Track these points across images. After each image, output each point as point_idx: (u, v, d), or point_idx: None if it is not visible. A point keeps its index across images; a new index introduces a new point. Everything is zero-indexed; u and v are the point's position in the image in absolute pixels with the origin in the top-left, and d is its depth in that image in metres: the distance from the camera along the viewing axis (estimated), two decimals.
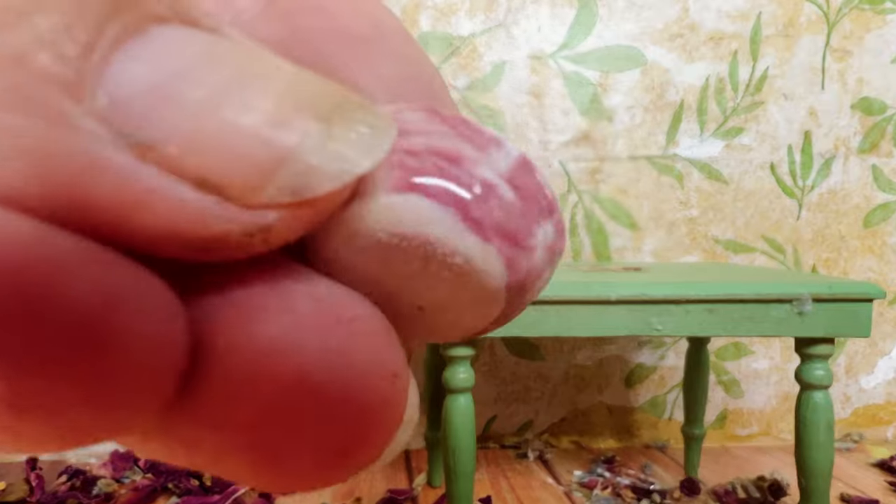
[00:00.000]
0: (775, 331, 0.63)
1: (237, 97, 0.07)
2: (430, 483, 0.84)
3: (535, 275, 0.10)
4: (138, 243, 0.07)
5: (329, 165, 0.07)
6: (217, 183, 0.07)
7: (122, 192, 0.07)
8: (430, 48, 0.93)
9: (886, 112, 0.99)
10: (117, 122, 0.07)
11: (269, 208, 0.07)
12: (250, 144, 0.07)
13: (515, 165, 0.09)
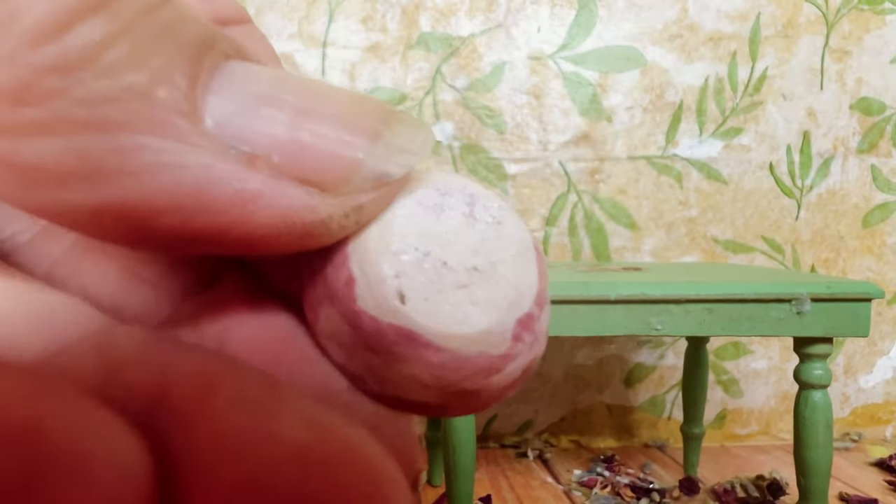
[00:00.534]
0: (774, 330, 0.63)
1: (313, 115, 0.09)
2: (430, 482, 0.84)
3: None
4: (253, 238, 0.09)
5: (395, 158, 0.09)
6: (315, 180, 0.09)
7: (240, 193, 0.08)
8: (429, 48, 0.93)
9: (885, 112, 1.00)
10: (224, 139, 0.08)
11: (358, 192, 0.09)
12: (333, 152, 0.09)
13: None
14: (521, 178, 0.96)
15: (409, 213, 0.10)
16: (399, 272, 0.10)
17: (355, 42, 0.93)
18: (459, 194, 0.10)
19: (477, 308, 0.10)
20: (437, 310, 0.10)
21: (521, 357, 0.10)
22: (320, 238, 0.09)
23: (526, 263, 0.10)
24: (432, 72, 0.94)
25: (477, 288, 0.10)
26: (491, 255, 0.10)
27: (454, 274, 0.10)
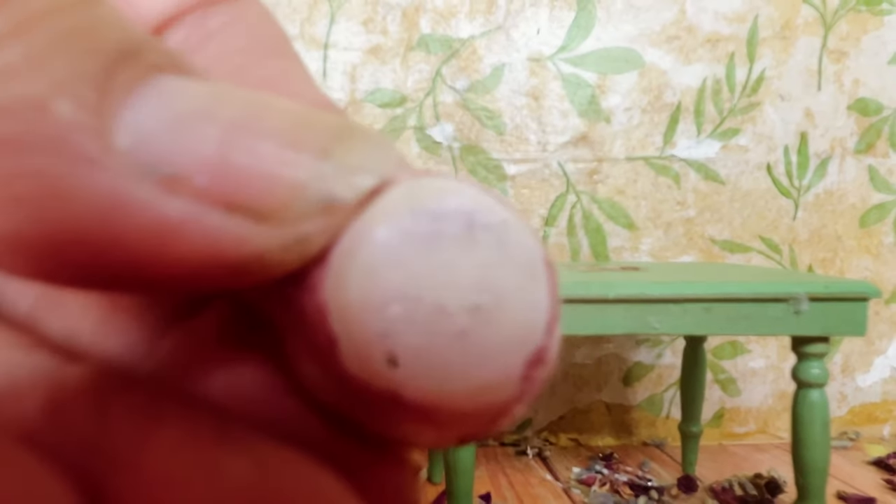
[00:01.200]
0: (772, 330, 0.64)
1: (251, 131, 0.08)
2: (430, 479, 0.85)
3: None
4: (173, 275, 0.08)
5: (346, 180, 0.08)
6: (247, 206, 0.08)
7: (156, 222, 0.07)
8: (429, 50, 0.94)
9: (882, 113, 1.00)
10: (141, 159, 0.07)
11: (301, 221, 0.08)
12: (272, 171, 0.08)
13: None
14: (520, 178, 0.96)
15: (396, 250, 0.08)
16: (387, 331, 0.08)
17: (356, 44, 0.93)
18: (456, 215, 0.09)
19: (480, 358, 0.08)
20: (433, 367, 0.08)
21: (528, 394, 0.09)
22: (257, 275, 0.08)
23: (535, 286, 0.09)
24: (432, 73, 0.94)
25: (479, 332, 0.08)
26: (494, 286, 0.09)
27: (452, 320, 0.08)
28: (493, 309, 0.08)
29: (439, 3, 0.93)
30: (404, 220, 0.08)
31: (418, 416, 0.09)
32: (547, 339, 0.09)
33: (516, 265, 0.09)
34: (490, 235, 0.09)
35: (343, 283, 0.08)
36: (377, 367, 0.08)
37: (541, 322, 0.09)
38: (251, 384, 0.09)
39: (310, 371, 0.09)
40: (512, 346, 0.09)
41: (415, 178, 0.09)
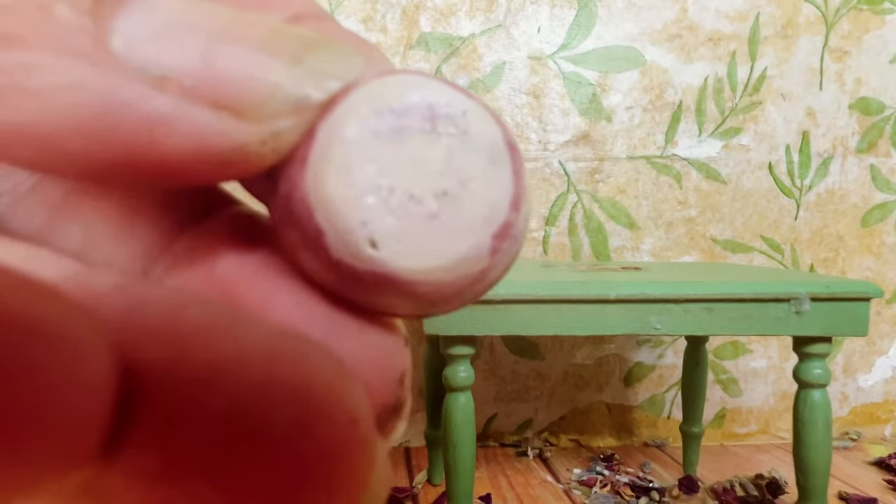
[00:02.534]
0: (773, 330, 0.63)
1: (230, 40, 0.09)
2: (430, 481, 0.84)
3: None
4: (166, 166, 0.08)
5: (316, 82, 0.09)
6: (229, 104, 0.08)
7: (149, 116, 0.08)
8: (429, 49, 0.94)
9: (884, 112, 1.00)
10: (133, 60, 0.08)
11: (276, 118, 0.09)
12: (249, 76, 0.08)
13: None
14: None
15: (365, 146, 0.09)
16: (366, 218, 0.09)
17: None
18: (417, 110, 0.10)
19: (451, 236, 0.10)
20: (411, 248, 0.09)
21: (500, 264, 0.10)
22: (237, 166, 0.09)
23: (498, 169, 0.10)
24: (432, 72, 0.94)
25: (448, 214, 0.10)
26: (459, 172, 0.10)
27: (423, 205, 0.09)
28: (459, 192, 0.10)
29: (439, 1, 0.93)
30: (370, 119, 0.09)
31: (401, 291, 0.10)
32: (512, 214, 0.10)
33: (478, 151, 0.10)
34: (452, 125, 0.10)
35: (322, 180, 0.09)
36: (360, 251, 0.09)
37: (505, 200, 0.10)
38: (259, 269, 0.10)
39: (304, 258, 0.10)
40: (479, 223, 0.10)
41: (379, 76, 0.10)
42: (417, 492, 0.82)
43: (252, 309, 0.10)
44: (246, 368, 0.08)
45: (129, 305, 0.08)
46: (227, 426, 0.07)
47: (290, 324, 0.10)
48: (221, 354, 0.08)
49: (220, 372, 0.08)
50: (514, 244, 0.10)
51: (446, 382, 0.63)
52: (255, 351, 0.08)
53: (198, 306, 0.08)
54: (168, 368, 0.07)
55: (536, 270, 0.73)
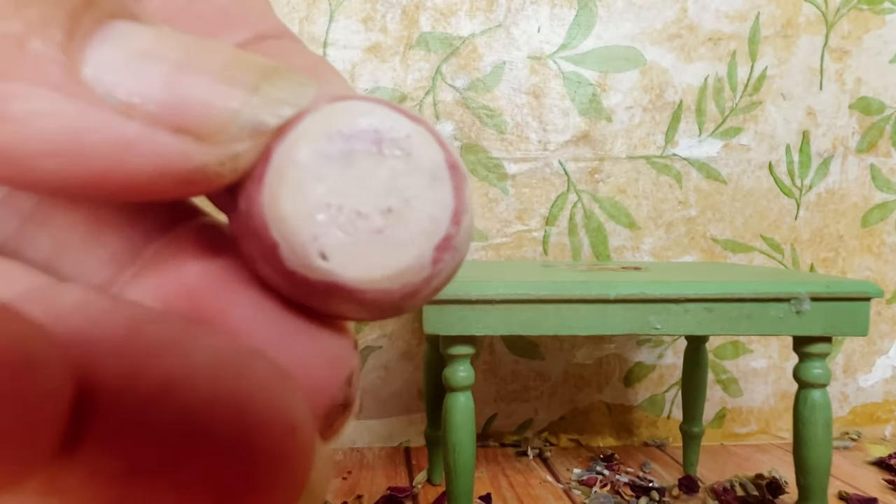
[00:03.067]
0: (773, 330, 0.63)
1: (191, 69, 0.09)
2: (430, 480, 0.84)
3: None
4: (132, 184, 0.09)
5: (272, 110, 0.10)
6: (191, 129, 0.09)
7: (116, 140, 0.09)
8: (429, 48, 0.93)
9: (885, 112, 1.00)
10: (102, 88, 0.09)
11: (234, 142, 0.10)
12: (209, 103, 0.09)
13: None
14: (520, 177, 0.96)
15: (316, 168, 0.10)
16: (316, 234, 0.10)
17: (356, 42, 0.93)
18: (365, 134, 0.10)
19: (395, 249, 0.10)
20: (358, 260, 0.10)
21: (443, 272, 0.11)
22: (198, 185, 0.10)
23: (439, 187, 0.11)
24: (432, 72, 0.94)
25: (393, 229, 0.10)
26: (403, 191, 0.10)
27: (369, 221, 0.10)
28: (403, 209, 0.10)
29: (439, 1, 0.93)
30: (321, 142, 0.10)
31: (350, 298, 0.11)
32: (453, 228, 0.11)
33: (421, 171, 0.11)
34: (396, 148, 0.10)
35: (276, 198, 0.10)
36: (312, 262, 0.10)
37: (445, 216, 0.11)
38: (221, 277, 0.11)
39: (261, 268, 0.11)
40: (421, 237, 0.11)
41: (330, 102, 0.11)
42: (417, 492, 0.82)
43: (214, 313, 0.11)
44: (193, 383, 0.08)
45: (89, 322, 0.09)
46: (173, 434, 0.08)
47: (247, 328, 0.11)
48: (171, 370, 0.08)
49: (169, 386, 0.08)
50: (456, 255, 0.11)
51: (446, 382, 0.63)
52: (202, 367, 0.09)
53: (153, 323, 0.09)
54: (122, 381, 0.08)
55: (536, 270, 0.73)
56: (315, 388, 0.11)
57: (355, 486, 0.83)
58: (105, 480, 0.08)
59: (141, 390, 0.08)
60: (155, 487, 0.08)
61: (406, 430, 0.98)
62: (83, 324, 0.09)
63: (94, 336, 0.08)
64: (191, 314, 0.11)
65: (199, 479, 0.08)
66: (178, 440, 0.08)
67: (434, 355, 0.82)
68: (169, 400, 0.08)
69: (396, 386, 0.97)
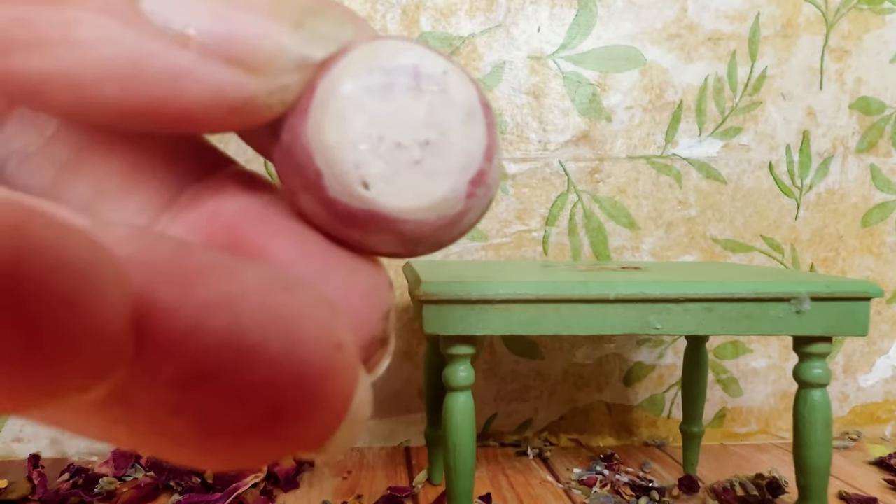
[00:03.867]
0: (773, 329, 0.63)
1: (241, 5, 0.10)
2: (430, 480, 0.84)
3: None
4: (187, 112, 0.10)
5: (317, 44, 0.10)
6: (242, 61, 0.10)
7: (172, 68, 0.09)
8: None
9: (885, 112, 1.00)
10: (160, 20, 0.09)
11: (282, 74, 0.10)
12: (259, 36, 0.10)
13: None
14: (520, 177, 0.96)
15: (359, 100, 0.11)
16: (359, 162, 0.11)
17: None
18: (404, 70, 0.11)
19: (432, 180, 0.11)
20: (398, 189, 0.11)
21: (476, 207, 0.12)
22: (249, 115, 0.10)
23: (474, 123, 0.11)
24: None
25: (430, 161, 0.11)
26: (440, 124, 0.11)
27: (408, 152, 0.11)
28: (440, 142, 0.11)
29: (439, 1, 0.93)
30: (363, 76, 0.11)
31: (388, 227, 0.11)
32: (486, 164, 0.11)
33: (456, 106, 0.11)
34: (433, 84, 0.11)
35: (321, 128, 0.11)
36: (354, 190, 0.11)
37: (479, 150, 0.11)
38: (261, 212, 0.12)
39: (304, 199, 0.11)
40: (456, 170, 0.11)
41: (371, 40, 0.11)
42: (417, 492, 0.82)
43: (255, 247, 0.11)
44: (244, 299, 0.09)
45: (141, 249, 0.09)
46: (227, 346, 0.09)
47: (289, 260, 0.11)
48: (223, 287, 0.09)
49: (222, 301, 0.09)
50: (488, 190, 0.12)
51: (446, 382, 0.63)
52: (252, 285, 0.09)
53: (202, 251, 0.09)
54: (177, 297, 0.08)
55: (536, 270, 0.73)
56: (355, 319, 0.11)
57: (355, 486, 0.83)
58: (164, 387, 0.08)
59: (195, 304, 0.08)
60: (211, 395, 0.09)
61: (406, 430, 0.98)
62: (135, 250, 0.09)
63: (147, 259, 0.09)
64: (232, 248, 0.11)
65: (252, 389, 0.09)
66: (232, 351, 0.08)
67: (434, 355, 0.82)
68: (222, 313, 0.09)
69: (396, 386, 0.97)
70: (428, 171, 0.11)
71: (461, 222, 0.12)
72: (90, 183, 0.12)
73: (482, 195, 0.11)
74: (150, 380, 0.08)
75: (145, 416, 0.09)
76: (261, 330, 0.09)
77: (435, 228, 0.11)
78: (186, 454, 0.09)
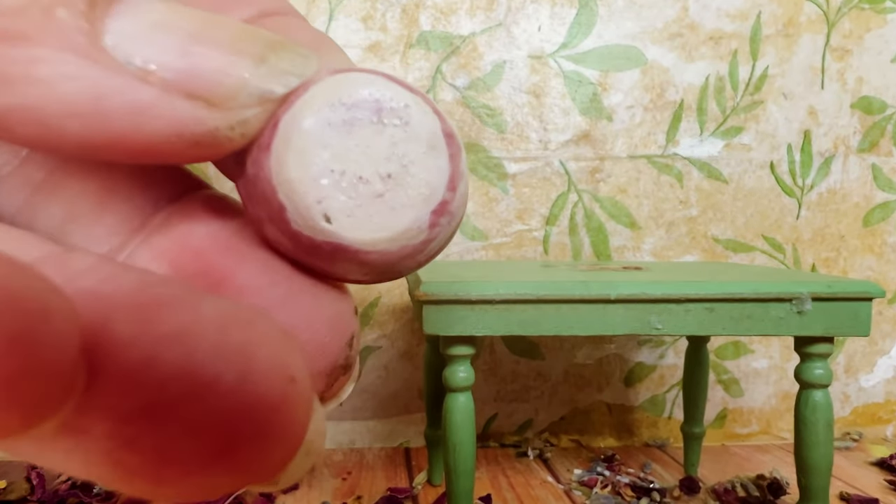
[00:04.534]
0: (775, 330, 0.63)
1: (204, 40, 0.10)
2: (430, 481, 0.84)
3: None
4: (149, 145, 0.10)
5: (278, 79, 0.11)
6: (203, 95, 0.10)
7: (135, 103, 0.09)
8: (429, 47, 0.93)
9: (886, 111, 1.00)
10: (122, 55, 0.09)
11: (243, 108, 0.10)
12: (220, 71, 0.10)
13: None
14: (521, 177, 0.96)
15: (320, 135, 0.11)
16: (320, 197, 0.11)
17: (355, 41, 0.93)
18: (366, 104, 0.11)
19: (395, 212, 0.11)
20: (360, 222, 0.11)
21: (440, 236, 0.12)
22: (209, 148, 0.10)
23: (436, 155, 0.11)
24: (432, 71, 0.93)
25: (392, 193, 0.11)
26: (402, 158, 0.11)
27: (370, 186, 0.11)
28: (402, 175, 0.11)
29: (439, 0, 0.93)
30: (324, 111, 0.11)
31: (352, 258, 0.11)
32: (449, 194, 0.12)
33: (418, 139, 0.11)
34: (395, 117, 0.11)
35: (283, 163, 0.11)
36: (316, 224, 0.11)
37: (442, 182, 0.11)
38: (229, 240, 0.12)
39: (268, 230, 0.12)
40: (419, 201, 0.11)
41: (333, 74, 0.11)
42: (417, 492, 0.81)
43: (221, 274, 0.11)
44: (201, 332, 0.09)
45: (100, 281, 0.09)
46: (182, 379, 0.09)
47: (255, 287, 0.11)
48: (180, 320, 0.09)
49: (178, 334, 0.09)
50: (452, 219, 0.12)
51: (446, 382, 0.63)
52: (210, 319, 0.09)
53: (162, 284, 0.10)
54: (133, 329, 0.09)
55: (537, 270, 0.73)
56: (318, 347, 0.11)
57: (355, 486, 0.83)
58: (117, 420, 0.09)
59: (151, 337, 0.09)
60: (164, 427, 0.09)
61: (406, 430, 0.98)
62: (94, 283, 0.09)
63: (104, 292, 0.09)
64: (199, 275, 0.11)
65: (206, 422, 0.09)
66: (186, 384, 0.09)
67: (434, 355, 0.81)
68: (178, 346, 0.09)
69: (396, 386, 0.97)
70: (390, 203, 0.11)
71: (425, 251, 0.12)
72: (63, 205, 0.12)
73: (445, 224, 0.12)
74: (103, 411, 0.08)
75: (98, 447, 0.09)
76: (214, 364, 0.09)
77: (399, 258, 0.12)
78: (140, 485, 0.09)
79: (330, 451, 0.96)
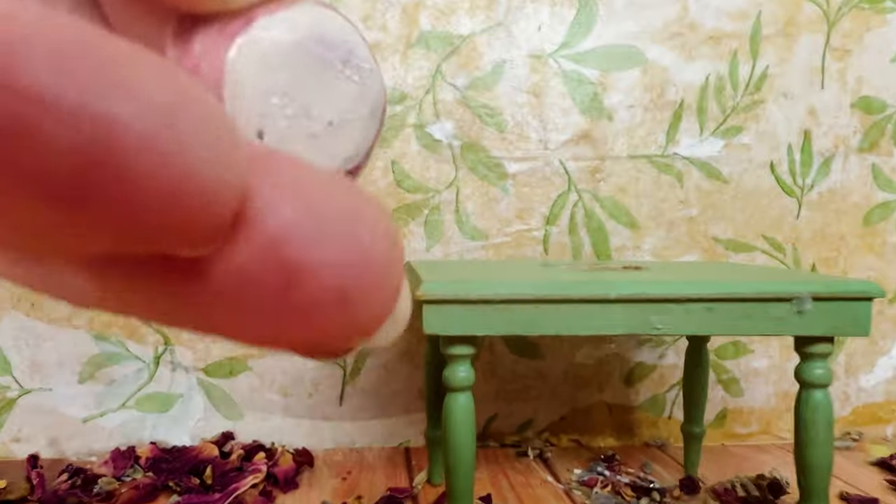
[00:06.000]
0: (775, 330, 0.63)
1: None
2: (430, 481, 0.84)
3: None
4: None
5: None
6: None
7: None
8: (429, 47, 0.93)
9: (886, 111, 0.99)
10: None
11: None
12: None
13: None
14: (521, 176, 0.96)
15: (292, 55, 0.11)
16: (265, 112, 0.11)
17: None
18: (340, 50, 0.11)
19: (319, 157, 0.11)
20: (287, 151, 0.11)
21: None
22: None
23: (372, 122, 0.12)
24: (432, 70, 0.93)
25: (325, 140, 0.11)
26: (347, 112, 0.11)
27: (311, 124, 0.11)
28: (341, 128, 0.11)
29: (439, 0, 0.93)
30: (304, 37, 0.11)
31: None
32: (365, 160, 0.12)
33: (366, 102, 0.12)
34: (358, 75, 0.11)
35: (244, 61, 0.10)
36: (247, 133, 0.11)
37: (366, 147, 0.12)
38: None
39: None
40: (342, 158, 0.12)
41: (325, 6, 0.11)
42: (417, 492, 0.81)
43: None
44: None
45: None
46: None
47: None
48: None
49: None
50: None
51: (446, 382, 0.63)
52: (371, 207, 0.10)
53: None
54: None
55: (537, 270, 0.73)
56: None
57: (355, 486, 0.83)
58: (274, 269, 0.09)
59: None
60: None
61: (406, 430, 0.98)
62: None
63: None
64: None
65: (327, 272, 0.09)
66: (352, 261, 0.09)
67: (434, 355, 0.81)
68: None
69: (396, 386, 0.97)
70: (320, 147, 0.11)
71: None
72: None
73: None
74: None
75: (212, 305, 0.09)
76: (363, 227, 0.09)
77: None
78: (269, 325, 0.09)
79: (330, 451, 0.96)
